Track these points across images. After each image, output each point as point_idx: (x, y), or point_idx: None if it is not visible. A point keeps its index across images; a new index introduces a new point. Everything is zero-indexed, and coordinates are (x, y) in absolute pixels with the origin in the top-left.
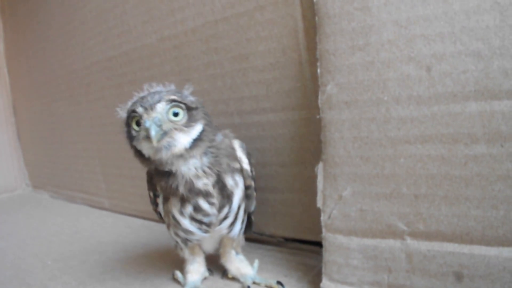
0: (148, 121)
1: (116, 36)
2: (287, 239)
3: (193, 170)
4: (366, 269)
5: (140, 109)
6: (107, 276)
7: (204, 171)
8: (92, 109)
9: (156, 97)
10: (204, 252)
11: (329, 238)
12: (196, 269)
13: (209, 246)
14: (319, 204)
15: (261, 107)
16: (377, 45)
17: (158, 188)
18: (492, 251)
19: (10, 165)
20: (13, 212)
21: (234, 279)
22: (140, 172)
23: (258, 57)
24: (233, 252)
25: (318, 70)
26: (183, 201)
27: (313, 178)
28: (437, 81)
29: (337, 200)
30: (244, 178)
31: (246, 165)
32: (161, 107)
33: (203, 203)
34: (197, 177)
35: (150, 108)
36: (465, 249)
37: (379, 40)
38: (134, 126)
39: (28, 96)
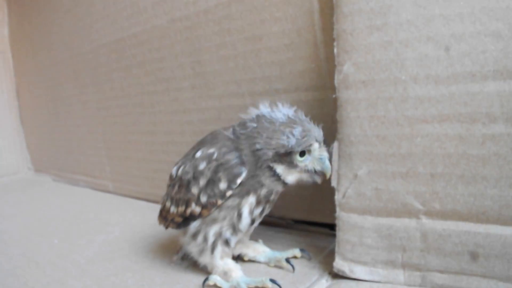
0: (327, 159)
1: (125, 18)
2: (296, 221)
3: (280, 189)
4: (380, 248)
5: (316, 145)
6: (116, 255)
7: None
8: (98, 91)
9: (317, 131)
10: None
11: (343, 217)
12: (235, 266)
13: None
14: (334, 183)
15: (273, 88)
16: (396, 25)
17: (241, 179)
18: (508, 231)
19: (12, 149)
20: (15, 195)
21: (250, 261)
22: (146, 154)
23: (272, 38)
24: (245, 238)
25: (335, 50)
26: (259, 202)
27: None
28: (455, 61)
29: (352, 179)
30: None
31: None
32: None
33: (266, 207)
34: (277, 193)
35: (321, 144)
36: (481, 228)
37: (397, 20)
38: (298, 158)
39: (31, 80)
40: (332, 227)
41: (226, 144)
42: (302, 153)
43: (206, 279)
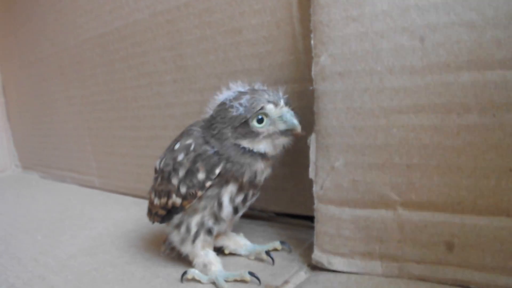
0: (288, 114)
1: (107, 13)
2: (278, 214)
3: (262, 167)
4: (358, 239)
5: (270, 106)
6: (98, 250)
7: (266, 168)
8: (83, 87)
9: (272, 94)
10: None
11: (321, 209)
12: (216, 259)
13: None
14: (311, 175)
15: (254, 80)
16: (371, 16)
17: (219, 169)
18: (483, 221)
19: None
20: (2, 192)
21: (230, 254)
22: (130, 149)
23: (251, 31)
24: (228, 229)
25: (312, 42)
26: (240, 190)
27: (305, 151)
28: (430, 51)
29: (330, 171)
30: None
31: None
32: (283, 103)
33: (250, 194)
34: (262, 172)
35: (278, 104)
36: (457, 218)
37: (373, 11)
38: (256, 124)
39: (17, 77)
40: (313, 219)
41: (201, 136)
42: (260, 120)
43: (185, 273)
